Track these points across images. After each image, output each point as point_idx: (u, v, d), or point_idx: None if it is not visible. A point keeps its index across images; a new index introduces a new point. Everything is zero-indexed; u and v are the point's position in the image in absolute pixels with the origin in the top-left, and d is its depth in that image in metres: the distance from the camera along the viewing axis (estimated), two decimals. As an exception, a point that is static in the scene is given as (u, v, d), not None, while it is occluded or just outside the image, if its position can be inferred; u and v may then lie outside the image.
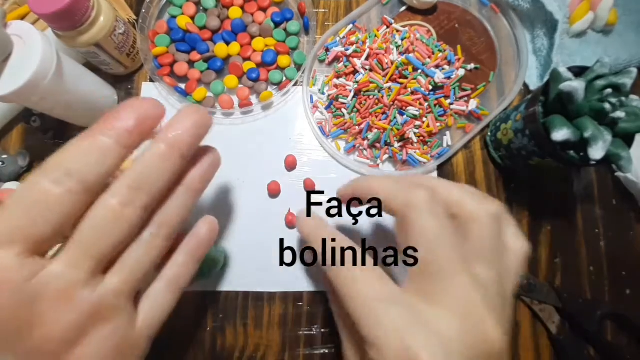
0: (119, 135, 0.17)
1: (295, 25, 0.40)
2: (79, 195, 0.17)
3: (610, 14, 0.39)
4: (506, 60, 0.41)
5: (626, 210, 0.38)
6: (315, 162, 0.38)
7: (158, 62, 0.39)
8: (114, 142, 0.17)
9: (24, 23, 0.29)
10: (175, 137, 0.19)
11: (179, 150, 0.19)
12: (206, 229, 0.23)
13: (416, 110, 0.37)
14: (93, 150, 0.17)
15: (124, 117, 0.18)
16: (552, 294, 0.35)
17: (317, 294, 0.35)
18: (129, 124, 0.18)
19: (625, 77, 0.28)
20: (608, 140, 0.27)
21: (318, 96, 0.40)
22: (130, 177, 0.18)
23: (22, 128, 0.39)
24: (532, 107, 0.31)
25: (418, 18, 0.42)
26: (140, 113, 0.18)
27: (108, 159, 0.17)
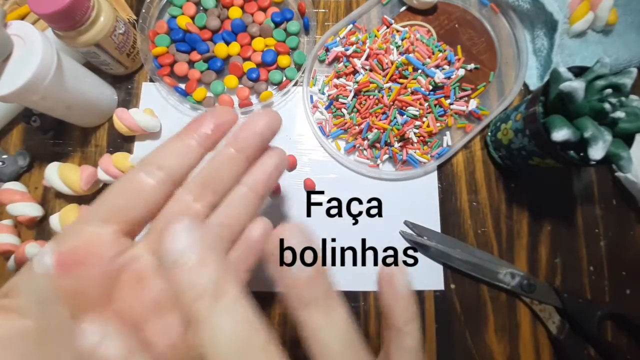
0: (200, 138, 0.20)
1: (295, 25, 0.40)
2: (166, 186, 0.19)
3: (610, 14, 0.39)
4: (506, 60, 0.41)
5: (626, 210, 0.38)
6: (315, 162, 0.38)
7: (158, 62, 0.39)
8: (196, 144, 0.20)
9: (24, 23, 0.29)
10: (243, 142, 0.20)
11: (245, 153, 0.21)
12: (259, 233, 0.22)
13: (416, 110, 0.37)
14: (180, 150, 0.20)
15: (206, 124, 0.20)
16: (552, 294, 0.35)
17: (317, 294, 0.35)
18: (209, 129, 0.20)
19: (625, 77, 0.28)
20: (608, 140, 0.27)
21: (318, 96, 0.40)
22: (202, 175, 0.20)
23: (22, 128, 0.39)
24: (532, 107, 0.31)
25: (418, 18, 0.42)
26: (218, 120, 0.20)
27: (191, 156, 0.20)
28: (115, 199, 0.19)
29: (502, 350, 0.35)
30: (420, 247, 0.36)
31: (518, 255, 0.37)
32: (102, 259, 0.18)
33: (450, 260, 0.36)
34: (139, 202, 0.19)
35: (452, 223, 0.37)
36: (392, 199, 0.38)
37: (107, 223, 0.18)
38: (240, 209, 0.21)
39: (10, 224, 0.36)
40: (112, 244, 0.18)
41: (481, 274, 0.35)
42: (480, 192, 0.38)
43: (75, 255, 0.18)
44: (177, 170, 0.19)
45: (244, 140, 0.21)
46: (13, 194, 0.35)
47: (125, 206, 0.19)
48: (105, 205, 0.19)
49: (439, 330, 0.35)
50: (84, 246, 0.18)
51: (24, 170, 0.37)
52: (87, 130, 0.39)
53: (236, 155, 0.20)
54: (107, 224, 0.18)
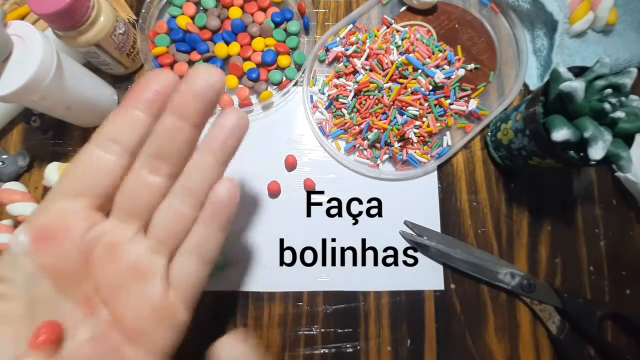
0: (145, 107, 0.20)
1: (295, 25, 0.40)
2: (125, 159, 0.20)
3: (610, 14, 0.39)
4: (506, 60, 0.41)
5: (626, 210, 0.38)
6: (315, 162, 0.38)
7: (158, 62, 0.39)
8: (142, 114, 0.20)
9: (24, 23, 0.29)
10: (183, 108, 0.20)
11: (190, 120, 0.20)
12: (224, 192, 0.21)
13: (416, 110, 0.37)
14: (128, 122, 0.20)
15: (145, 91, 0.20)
16: (552, 294, 0.35)
17: (317, 294, 0.35)
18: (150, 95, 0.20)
19: (625, 77, 0.28)
20: (608, 140, 0.27)
21: (318, 96, 0.40)
22: (151, 147, 0.20)
23: (22, 128, 0.39)
24: (532, 107, 0.31)
25: (418, 18, 0.42)
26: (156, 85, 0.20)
27: (142, 127, 0.20)
28: (79, 177, 0.20)
29: (502, 350, 0.35)
30: (420, 247, 0.36)
31: (518, 255, 0.37)
32: (75, 233, 0.19)
33: (450, 260, 0.36)
34: (102, 178, 0.19)
35: (452, 223, 0.37)
36: (392, 199, 0.38)
37: (75, 198, 0.19)
38: (201, 175, 0.21)
39: (10, 224, 0.36)
40: (83, 219, 0.19)
41: (481, 274, 0.35)
42: (480, 192, 0.38)
43: (47, 230, 0.19)
44: (131, 142, 0.20)
45: (184, 106, 0.20)
46: (13, 194, 0.35)
47: (90, 183, 0.19)
48: (71, 182, 0.20)
49: (439, 330, 0.35)
50: (56, 221, 0.19)
51: (24, 170, 0.37)
52: (87, 130, 0.39)
53: (179, 123, 0.20)
54: (76, 200, 0.19)
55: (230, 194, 0.22)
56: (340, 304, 0.35)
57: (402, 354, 0.34)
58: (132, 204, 0.20)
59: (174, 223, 0.21)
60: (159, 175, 0.20)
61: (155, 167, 0.20)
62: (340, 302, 0.35)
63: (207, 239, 0.21)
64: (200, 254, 0.21)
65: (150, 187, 0.20)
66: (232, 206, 0.22)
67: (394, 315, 0.35)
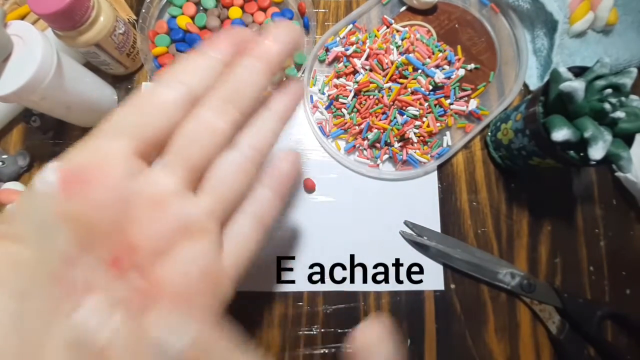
0: (223, 54, 0.18)
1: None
2: (187, 104, 0.17)
3: (610, 14, 0.39)
4: (506, 60, 0.41)
5: (626, 210, 0.38)
6: (315, 162, 0.38)
7: (158, 62, 0.39)
8: (220, 59, 0.18)
9: (24, 23, 0.29)
10: (270, 54, 0.18)
11: (271, 67, 0.18)
12: (288, 164, 0.21)
13: (416, 110, 0.37)
14: (202, 64, 0.18)
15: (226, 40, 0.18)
16: (552, 294, 0.35)
17: (317, 294, 0.35)
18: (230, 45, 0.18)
19: (625, 77, 0.28)
20: (608, 140, 0.27)
21: (318, 96, 0.40)
22: (223, 90, 0.18)
23: (22, 128, 0.39)
24: (532, 107, 0.31)
25: (418, 18, 0.42)
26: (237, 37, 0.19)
27: (214, 72, 0.18)
28: (132, 113, 0.17)
29: (502, 350, 0.35)
30: (420, 247, 0.36)
31: (518, 255, 0.37)
32: (114, 179, 0.15)
33: (450, 260, 0.36)
34: (158, 117, 0.17)
35: (452, 223, 0.37)
36: (392, 199, 0.38)
37: (121, 138, 0.16)
38: (267, 132, 0.19)
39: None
40: (125, 164, 0.16)
41: (481, 274, 0.35)
42: (480, 192, 0.38)
43: (83, 172, 0.15)
44: (199, 87, 0.17)
45: (267, 50, 0.18)
46: (13, 194, 0.35)
47: (142, 121, 0.16)
48: (121, 119, 0.17)
49: (439, 330, 0.35)
50: (94, 163, 0.16)
51: (24, 170, 0.37)
52: (87, 130, 0.38)
53: (259, 66, 0.18)
54: (121, 139, 0.16)
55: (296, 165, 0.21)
56: (340, 304, 0.35)
57: (402, 354, 0.34)
58: (188, 151, 0.17)
59: (235, 180, 0.18)
60: (225, 120, 0.17)
61: (223, 110, 0.17)
62: (340, 302, 0.35)
63: (271, 205, 0.20)
64: (263, 220, 0.20)
65: (214, 132, 0.17)
66: (296, 177, 0.21)
67: (394, 315, 0.35)
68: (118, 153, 0.16)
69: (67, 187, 0.15)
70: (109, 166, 0.16)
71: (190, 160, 0.17)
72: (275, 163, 0.21)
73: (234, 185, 0.18)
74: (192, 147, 0.17)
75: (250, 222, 0.19)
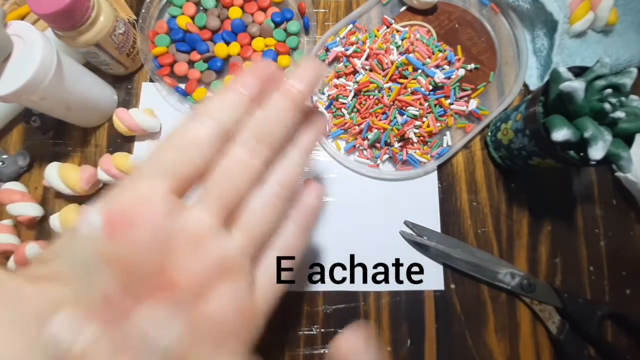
0: (250, 91, 0.18)
1: (295, 25, 0.40)
2: (219, 140, 0.17)
3: (610, 14, 0.39)
4: (506, 60, 0.41)
5: (626, 210, 0.38)
6: (315, 162, 0.38)
7: (158, 62, 0.39)
8: (248, 95, 0.18)
9: (24, 23, 0.29)
10: (297, 93, 0.19)
11: (299, 105, 0.19)
12: (314, 198, 0.21)
13: (416, 110, 0.37)
14: (232, 100, 0.18)
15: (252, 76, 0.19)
16: (552, 294, 0.35)
17: (317, 294, 0.35)
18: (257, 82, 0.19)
19: (625, 77, 0.28)
20: (608, 140, 0.27)
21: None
22: (256, 129, 0.18)
23: (22, 128, 0.39)
24: (532, 107, 0.31)
25: (418, 18, 0.42)
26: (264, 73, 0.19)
27: (243, 109, 0.18)
28: (168, 152, 0.17)
29: (502, 350, 0.35)
30: (420, 247, 0.36)
31: (518, 255, 0.37)
32: (155, 220, 0.16)
33: (450, 260, 0.36)
34: (192, 155, 0.17)
35: (452, 223, 0.37)
36: (392, 199, 0.38)
37: (159, 178, 0.16)
38: (295, 169, 0.20)
39: (10, 224, 0.36)
40: (165, 204, 0.16)
41: (481, 274, 0.35)
42: (480, 192, 0.38)
43: (126, 214, 0.15)
44: (229, 123, 0.18)
45: (299, 91, 0.19)
46: (13, 194, 0.35)
47: (179, 160, 0.17)
48: (159, 158, 0.17)
49: (439, 330, 0.35)
50: (136, 205, 0.16)
51: (24, 170, 0.37)
52: (87, 130, 0.39)
53: (290, 106, 0.19)
54: (161, 180, 0.16)
55: (320, 198, 0.21)
56: (340, 304, 0.35)
57: (402, 354, 0.34)
58: (225, 189, 0.17)
59: (266, 216, 0.18)
60: (258, 159, 0.18)
61: (256, 149, 0.18)
62: (340, 302, 0.35)
63: (298, 240, 0.20)
64: (290, 254, 0.20)
65: (249, 171, 0.18)
66: (321, 210, 0.22)
67: (394, 315, 0.35)
68: (157, 193, 0.16)
69: (110, 229, 0.15)
70: (149, 207, 0.16)
71: (224, 197, 0.17)
72: (301, 198, 0.21)
73: (264, 222, 0.18)
74: (226, 184, 0.17)
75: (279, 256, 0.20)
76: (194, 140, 0.17)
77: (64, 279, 0.15)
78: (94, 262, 0.15)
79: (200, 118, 0.17)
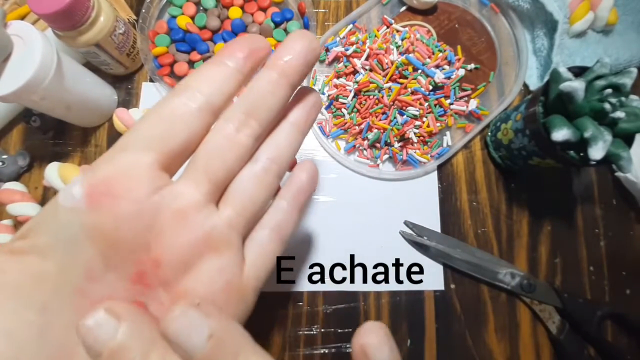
0: (237, 63, 0.18)
1: (295, 25, 0.40)
2: (207, 114, 0.17)
3: (610, 14, 0.39)
4: (506, 60, 0.41)
5: (626, 210, 0.38)
6: (315, 162, 0.38)
7: (158, 62, 0.39)
8: (234, 67, 0.18)
9: (24, 23, 0.29)
10: (285, 64, 0.18)
11: (288, 78, 0.18)
12: (306, 175, 0.21)
13: (416, 110, 0.37)
14: (218, 74, 0.17)
15: (239, 48, 0.18)
16: (552, 294, 0.35)
17: (317, 294, 0.35)
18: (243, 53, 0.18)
19: (625, 77, 0.28)
20: (608, 140, 0.27)
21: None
22: (243, 103, 0.18)
23: (22, 128, 0.39)
24: (532, 107, 0.31)
25: (418, 18, 0.42)
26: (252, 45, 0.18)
27: (230, 82, 0.18)
28: (153, 126, 0.17)
29: (502, 350, 0.35)
30: (420, 247, 0.36)
31: (518, 255, 0.37)
32: (139, 193, 0.15)
33: (450, 260, 0.36)
34: (180, 129, 0.16)
35: (452, 223, 0.37)
36: (392, 199, 0.38)
37: (145, 151, 0.16)
38: (286, 145, 0.19)
39: (10, 224, 0.36)
40: (149, 178, 0.16)
41: (481, 274, 0.35)
42: (480, 192, 0.38)
43: (108, 186, 0.15)
44: (217, 97, 0.17)
45: (287, 62, 0.18)
46: (13, 194, 0.35)
47: (164, 134, 0.16)
48: (143, 132, 0.16)
49: (439, 330, 0.35)
50: (119, 176, 0.16)
51: (24, 170, 0.37)
52: (87, 130, 0.39)
53: (279, 79, 0.18)
54: (145, 153, 0.16)
55: (312, 175, 0.21)
56: (340, 304, 0.35)
57: (402, 354, 0.34)
58: (212, 164, 0.17)
59: (255, 192, 0.18)
60: (247, 134, 0.18)
61: (245, 124, 0.18)
62: (340, 302, 0.35)
63: (290, 217, 0.20)
64: (281, 233, 0.20)
65: (237, 146, 0.17)
66: (314, 188, 0.21)
67: (394, 315, 0.35)
68: (142, 166, 0.16)
69: (93, 201, 0.15)
70: (133, 180, 0.16)
71: (213, 173, 0.17)
72: (293, 174, 0.21)
73: (254, 198, 0.18)
74: (214, 160, 0.17)
75: (269, 234, 0.20)
76: (179, 114, 0.17)
77: (46, 253, 0.15)
78: (76, 235, 0.15)
79: (185, 91, 0.17)
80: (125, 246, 0.15)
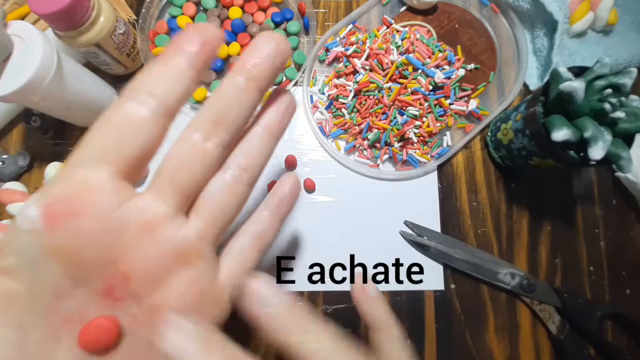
0: (188, 58, 0.17)
1: (295, 25, 0.40)
2: (161, 118, 0.16)
3: (610, 14, 0.39)
4: (506, 60, 0.41)
5: (626, 210, 0.38)
6: (315, 162, 0.38)
7: (158, 62, 0.39)
8: (185, 65, 0.17)
9: (24, 23, 0.29)
10: (253, 68, 0.18)
11: (256, 82, 0.18)
12: (288, 187, 0.21)
13: (416, 110, 0.37)
14: (168, 74, 0.17)
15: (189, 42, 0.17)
16: (552, 294, 0.35)
17: (317, 294, 0.35)
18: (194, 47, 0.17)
19: (625, 77, 0.28)
20: (608, 140, 0.27)
21: (318, 96, 0.40)
22: (210, 111, 0.17)
23: (22, 128, 0.39)
24: (532, 107, 0.31)
25: (418, 18, 0.42)
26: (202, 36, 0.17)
27: (183, 81, 0.17)
28: (106, 136, 0.16)
29: (502, 351, 0.35)
30: (420, 247, 0.36)
31: (518, 255, 0.37)
32: (101, 208, 0.15)
33: (450, 260, 0.36)
34: (134, 137, 0.16)
35: (452, 223, 0.37)
36: (392, 199, 0.38)
37: (100, 164, 0.15)
38: (258, 151, 0.19)
39: (10, 224, 0.36)
40: (110, 191, 0.15)
41: (481, 274, 0.35)
42: (480, 192, 0.38)
43: (66, 204, 0.15)
44: (170, 98, 0.16)
45: (254, 65, 0.17)
46: (13, 194, 0.35)
47: (119, 143, 0.16)
48: (96, 143, 0.16)
49: (439, 330, 0.35)
50: (76, 193, 0.15)
51: (24, 170, 0.37)
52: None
53: (246, 84, 0.17)
54: (100, 165, 0.15)
55: (294, 188, 0.21)
56: (340, 304, 0.35)
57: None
58: (179, 175, 0.17)
59: (227, 202, 0.18)
60: (214, 143, 0.17)
61: (211, 132, 0.17)
62: (340, 302, 0.35)
63: (270, 227, 0.20)
64: (260, 242, 0.20)
65: (205, 156, 0.17)
66: (295, 200, 0.22)
67: (394, 315, 0.35)
68: (101, 180, 0.15)
69: (50, 221, 0.15)
70: (93, 195, 0.15)
71: (180, 184, 0.17)
72: (276, 186, 0.21)
73: (225, 208, 0.18)
74: (182, 171, 0.17)
75: (249, 242, 0.20)
76: (132, 121, 0.16)
77: (13, 273, 0.15)
78: (38, 256, 0.15)
79: (136, 95, 0.16)
80: (91, 262, 0.15)
